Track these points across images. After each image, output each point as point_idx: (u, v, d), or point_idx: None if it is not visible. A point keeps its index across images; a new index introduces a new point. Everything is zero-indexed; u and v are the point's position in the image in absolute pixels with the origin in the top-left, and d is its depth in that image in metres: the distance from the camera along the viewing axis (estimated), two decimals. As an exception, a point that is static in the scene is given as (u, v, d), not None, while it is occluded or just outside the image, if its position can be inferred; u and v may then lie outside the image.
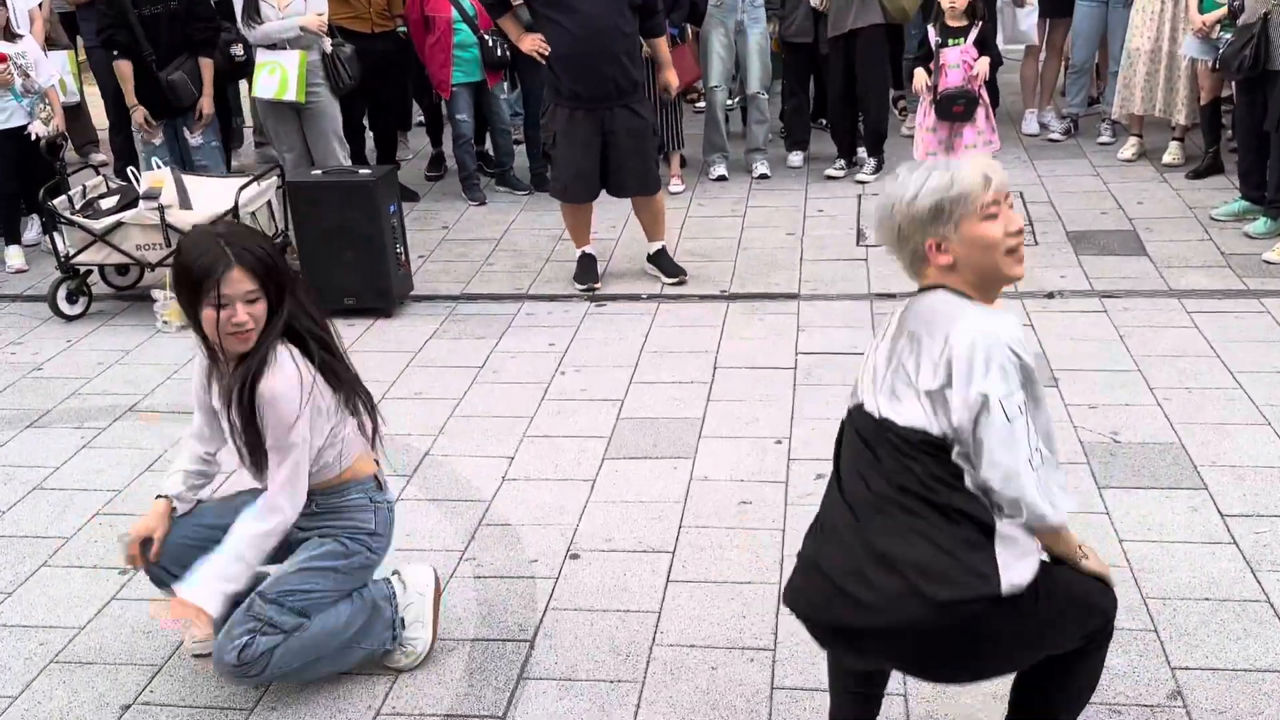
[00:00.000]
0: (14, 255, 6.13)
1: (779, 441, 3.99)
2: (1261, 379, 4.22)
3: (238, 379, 2.62)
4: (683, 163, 6.94)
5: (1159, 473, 3.65)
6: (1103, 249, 5.55)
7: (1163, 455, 3.76)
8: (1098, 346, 4.58)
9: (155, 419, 4.44)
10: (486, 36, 6.45)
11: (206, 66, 5.93)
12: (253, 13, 5.74)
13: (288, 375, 2.61)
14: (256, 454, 2.68)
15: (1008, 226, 2.16)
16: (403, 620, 2.94)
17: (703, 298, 5.30)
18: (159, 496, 2.89)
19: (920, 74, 5.84)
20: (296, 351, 2.66)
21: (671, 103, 6.47)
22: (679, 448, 3.99)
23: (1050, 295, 5.07)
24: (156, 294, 5.28)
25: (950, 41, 5.74)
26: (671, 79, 5.52)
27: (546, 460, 3.97)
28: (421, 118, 7.83)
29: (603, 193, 5.42)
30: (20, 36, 5.97)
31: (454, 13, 6.39)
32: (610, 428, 4.17)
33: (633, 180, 5.31)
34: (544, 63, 5.18)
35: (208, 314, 2.54)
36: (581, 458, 3.97)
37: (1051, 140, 7.20)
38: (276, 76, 5.72)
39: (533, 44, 5.17)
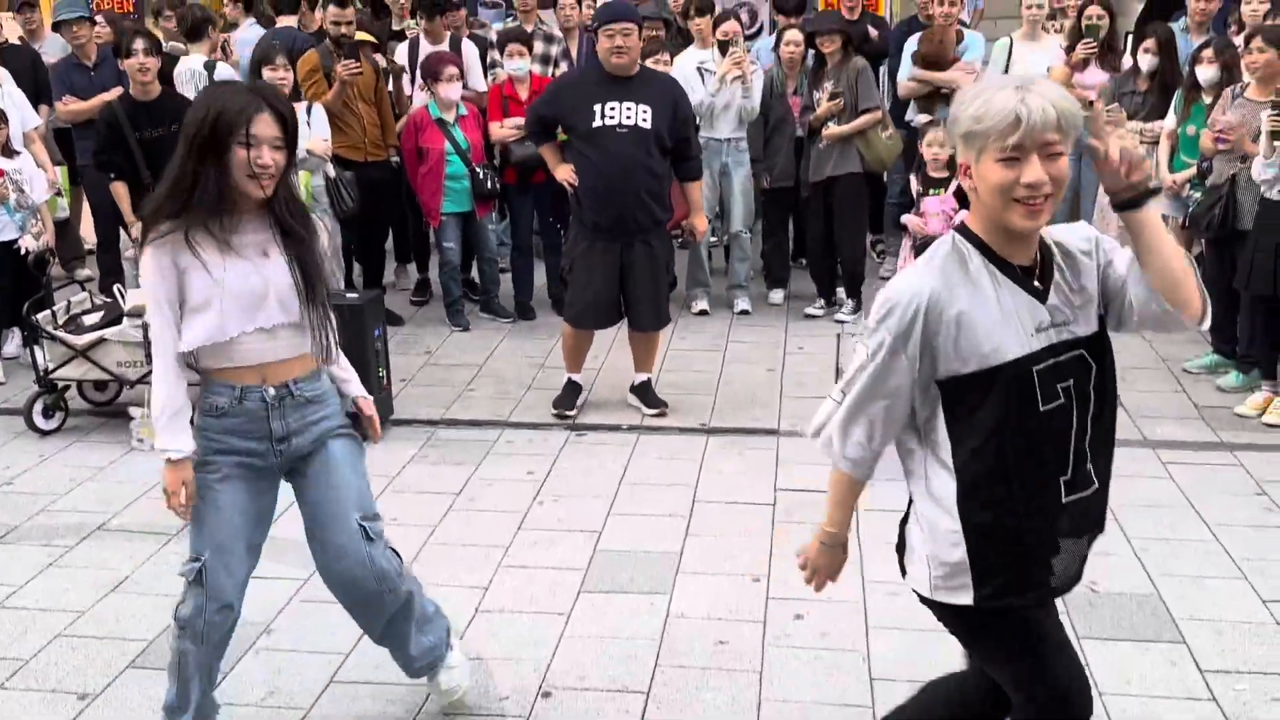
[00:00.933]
0: (-9, 367, 6.11)
1: (757, 579, 3.97)
2: (1237, 532, 4.25)
3: (284, 205, 2.76)
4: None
5: (1138, 625, 3.64)
6: (1078, 396, 5.62)
7: (1141, 607, 3.75)
8: (1074, 493, 4.60)
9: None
10: (478, 169, 6.60)
11: None
12: (254, 138, 5.85)
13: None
14: (314, 285, 2.81)
15: (1023, 176, 2.03)
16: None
17: (683, 430, 5.32)
18: (178, 460, 2.75)
19: (913, 219, 5.98)
20: None
21: (691, 243, 6.56)
22: (656, 583, 3.96)
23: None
24: (134, 411, 5.25)
25: (931, 191, 5.90)
26: (699, 224, 5.66)
27: (522, 592, 3.92)
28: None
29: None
30: (17, 153, 6.05)
31: (447, 145, 6.54)
32: (587, 560, 4.13)
33: (647, 314, 5.39)
34: (572, 191, 5.30)
35: (238, 153, 2.63)
36: (557, 590, 3.92)
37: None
38: (280, 201, 5.79)
39: (566, 174, 5.30)
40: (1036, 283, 2.16)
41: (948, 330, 2.13)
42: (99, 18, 7.83)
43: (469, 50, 7.20)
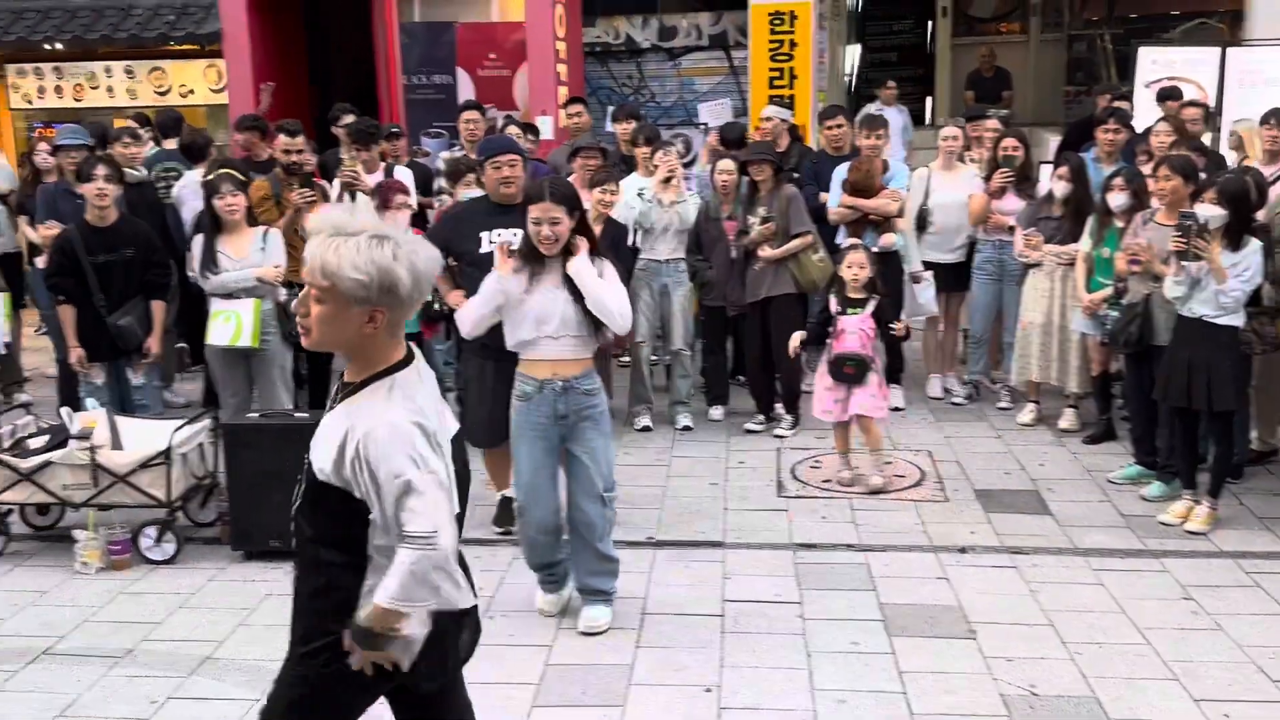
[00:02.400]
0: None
1: (708, 689, 4.02)
2: (1167, 635, 4.41)
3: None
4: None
5: (1077, 725, 3.75)
6: (1009, 507, 5.81)
7: (1079, 709, 3.88)
8: (1011, 600, 4.75)
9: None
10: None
11: (158, 309, 6.07)
12: (209, 263, 5.95)
13: None
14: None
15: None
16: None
17: (630, 544, 5.39)
18: None
19: (794, 339, 6.20)
20: None
21: (601, 357, 6.74)
22: (608, 695, 3.99)
23: (963, 550, 5.27)
24: (78, 534, 5.20)
25: (849, 310, 6.14)
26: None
27: (474, 706, 3.92)
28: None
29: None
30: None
31: (394, 268, 6.68)
32: (539, 674, 4.16)
33: None
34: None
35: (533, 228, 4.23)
36: (510, 704, 3.94)
37: (955, 404, 7.60)
38: (231, 324, 5.87)
39: (455, 299, 5.39)
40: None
41: None
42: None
43: (405, 176, 7.42)
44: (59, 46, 11.36)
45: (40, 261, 6.63)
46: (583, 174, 7.02)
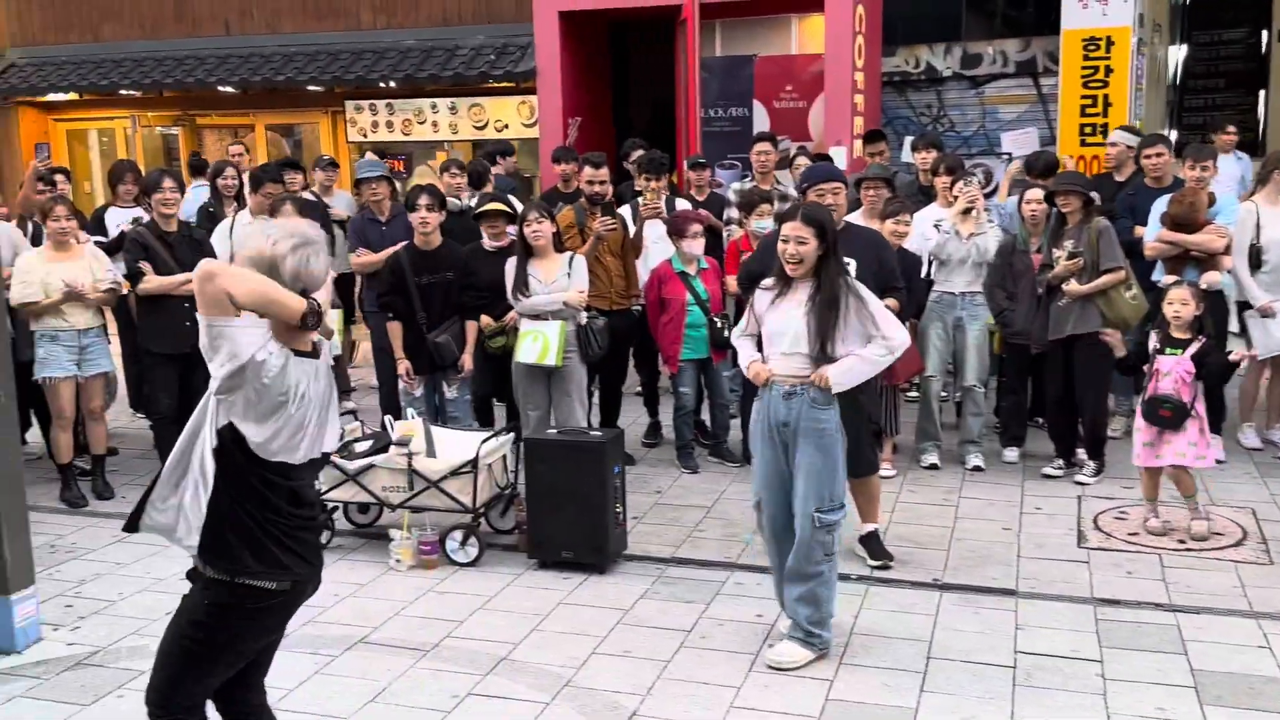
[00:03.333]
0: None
1: (997, 742, 3.86)
2: None
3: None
4: (894, 449, 7.03)
5: None
6: (1348, 575, 5.25)
7: None
8: (1348, 678, 4.28)
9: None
10: (715, 319, 6.87)
11: (471, 329, 6.50)
12: (522, 286, 6.33)
13: None
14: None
15: None
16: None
17: (914, 584, 5.26)
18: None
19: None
20: None
21: (889, 389, 6.65)
22: (890, 737, 3.91)
23: (1290, 618, 4.81)
24: (394, 533, 5.64)
25: (1169, 350, 5.74)
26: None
27: (755, 734, 3.94)
28: (639, 388, 8.25)
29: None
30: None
31: (688, 295, 6.86)
32: (819, 708, 4.13)
33: (850, 459, 5.41)
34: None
35: (780, 245, 4.45)
36: (790, 736, 3.92)
37: (1282, 458, 6.96)
38: (539, 344, 6.22)
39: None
40: None
41: None
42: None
43: (684, 207, 7.59)
44: (392, 84, 12.39)
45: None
46: (870, 205, 6.97)
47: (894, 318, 4.56)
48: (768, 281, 4.59)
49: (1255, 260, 6.94)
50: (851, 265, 5.29)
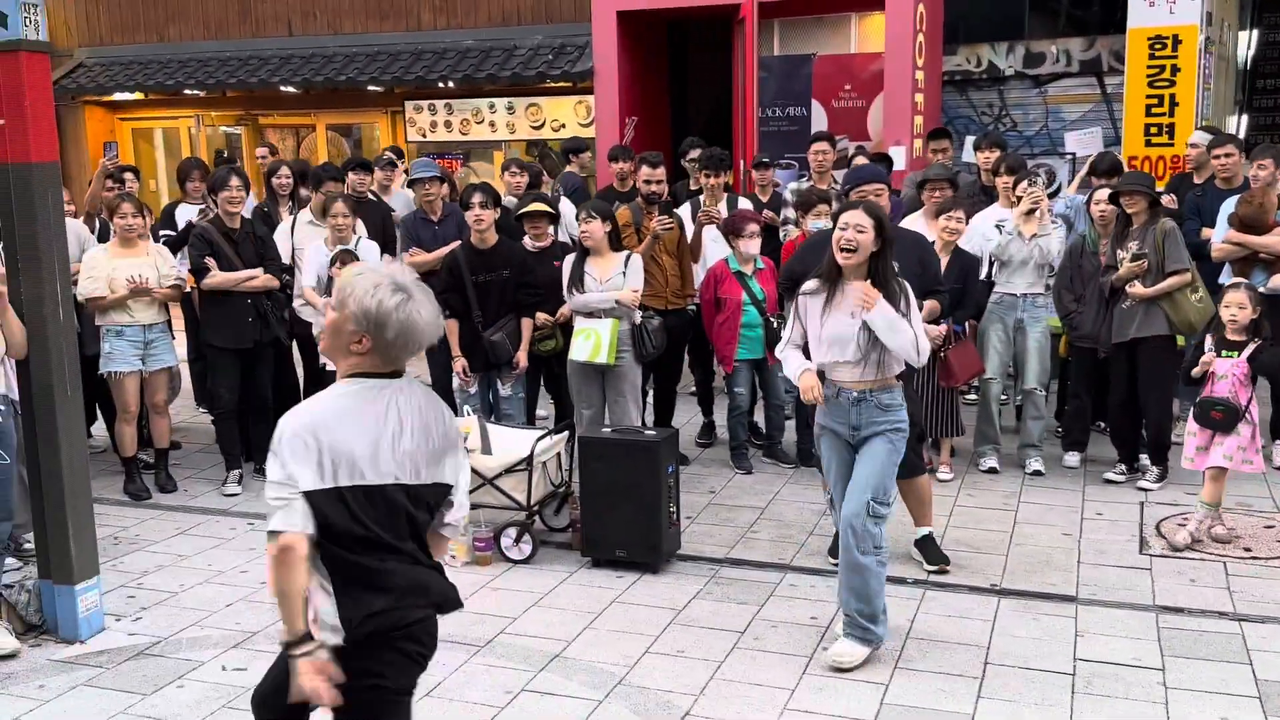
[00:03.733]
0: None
1: (1055, 751, 3.80)
2: None
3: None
4: (952, 452, 6.95)
5: None
6: None
7: None
8: None
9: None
10: (771, 319, 6.84)
11: (526, 326, 6.53)
12: (577, 282, 6.35)
13: None
14: None
15: None
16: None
17: (972, 589, 5.19)
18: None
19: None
20: None
21: (948, 391, 6.57)
22: (946, 743, 3.85)
23: (1362, 631, 4.68)
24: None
25: (1225, 353, 5.61)
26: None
27: (808, 737, 3.91)
28: (694, 388, 8.23)
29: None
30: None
31: (744, 295, 6.83)
32: (874, 713, 4.09)
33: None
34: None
35: (838, 233, 4.42)
36: (844, 739, 3.89)
37: (1356, 465, 6.78)
38: (591, 341, 6.24)
39: None
40: None
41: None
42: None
43: (745, 206, 7.57)
44: (451, 85, 12.49)
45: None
46: (930, 205, 6.91)
47: (926, 340, 4.52)
48: (811, 284, 4.54)
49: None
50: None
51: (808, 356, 4.57)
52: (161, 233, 7.62)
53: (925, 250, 5.73)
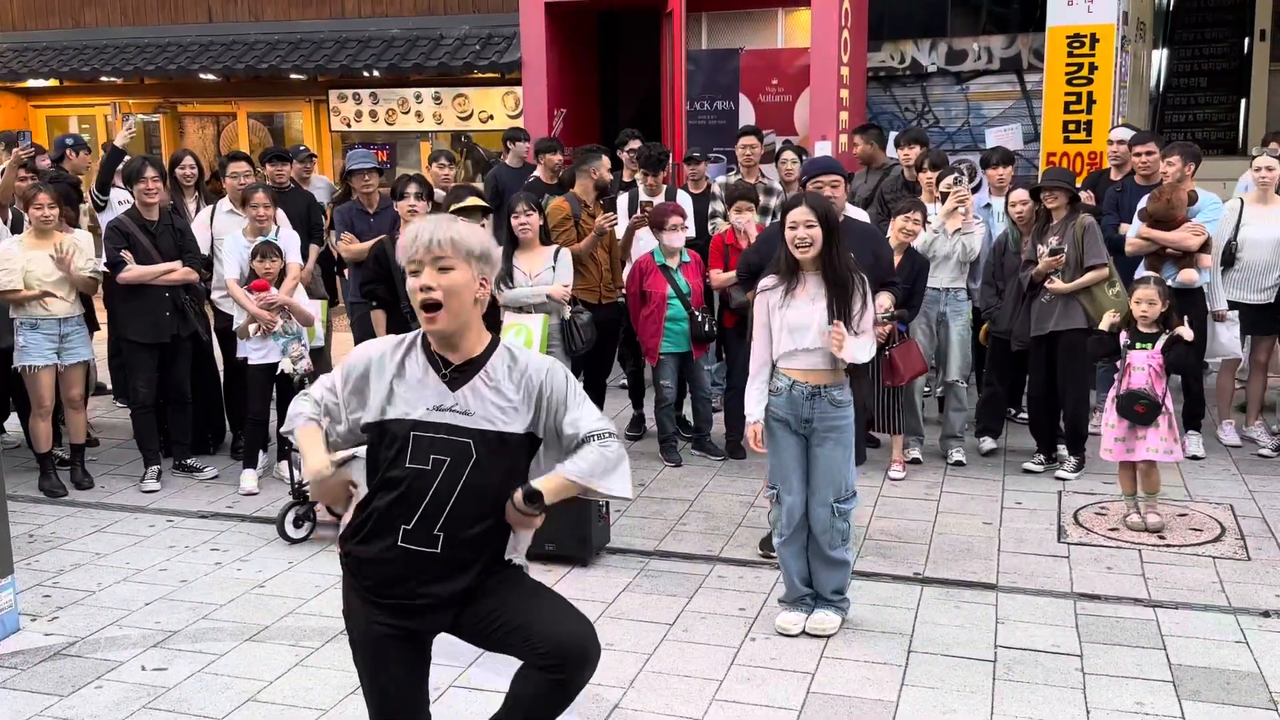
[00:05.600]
0: (249, 479, 6.64)
1: (976, 736, 3.88)
2: None
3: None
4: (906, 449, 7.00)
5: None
6: (1324, 571, 5.30)
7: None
8: (1323, 673, 4.32)
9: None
10: (697, 313, 6.87)
11: None
12: (505, 278, 6.31)
13: None
14: None
15: (417, 284, 2.77)
16: None
17: (895, 578, 5.28)
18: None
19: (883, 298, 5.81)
20: None
21: (892, 389, 6.61)
22: (871, 730, 3.92)
23: (1266, 614, 4.84)
24: (375, 523, 5.61)
25: (1140, 345, 5.78)
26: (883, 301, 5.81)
27: (736, 727, 3.95)
28: (624, 380, 8.25)
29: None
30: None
31: (669, 289, 6.85)
32: (800, 701, 4.14)
33: None
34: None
35: (789, 232, 4.54)
36: (771, 729, 3.93)
37: (1261, 455, 7.00)
38: (522, 337, 6.22)
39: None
40: (455, 373, 2.85)
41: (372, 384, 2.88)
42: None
43: (684, 201, 7.61)
44: (376, 74, 12.34)
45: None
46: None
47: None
48: (769, 280, 4.61)
49: (1229, 258, 6.99)
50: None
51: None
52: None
53: (879, 243, 5.77)
